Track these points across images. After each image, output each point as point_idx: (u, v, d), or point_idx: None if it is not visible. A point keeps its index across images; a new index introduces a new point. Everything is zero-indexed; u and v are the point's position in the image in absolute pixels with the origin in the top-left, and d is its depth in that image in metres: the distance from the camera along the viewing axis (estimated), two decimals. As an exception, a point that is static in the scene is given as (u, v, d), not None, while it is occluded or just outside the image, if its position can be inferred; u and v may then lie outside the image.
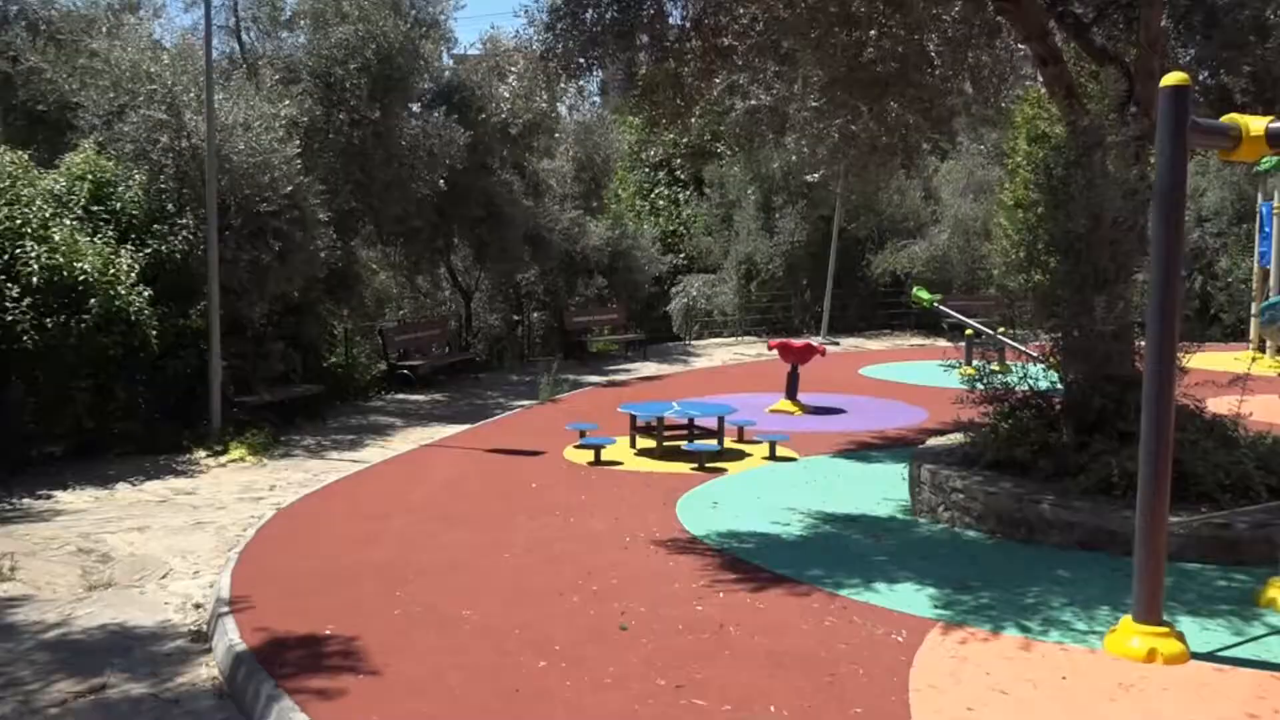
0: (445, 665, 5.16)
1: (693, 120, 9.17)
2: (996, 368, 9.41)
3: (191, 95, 11.88)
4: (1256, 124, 5.53)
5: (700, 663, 5.19)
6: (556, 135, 18.94)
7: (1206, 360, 9.02)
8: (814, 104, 9.39)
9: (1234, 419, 7.89)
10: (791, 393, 13.37)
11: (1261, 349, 17.63)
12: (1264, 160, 14.75)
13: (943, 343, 21.42)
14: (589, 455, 10.39)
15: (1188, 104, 5.20)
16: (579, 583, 6.46)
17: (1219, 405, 8.26)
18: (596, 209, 21.28)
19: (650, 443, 10.74)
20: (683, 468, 9.93)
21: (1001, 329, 15.17)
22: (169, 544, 7.71)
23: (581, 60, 7.59)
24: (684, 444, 10.45)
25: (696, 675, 5.04)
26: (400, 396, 15.14)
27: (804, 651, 5.33)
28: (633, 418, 10.99)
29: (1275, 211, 16.73)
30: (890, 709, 4.67)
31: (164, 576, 6.98)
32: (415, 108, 15.60)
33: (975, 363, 14.54)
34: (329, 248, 12.78)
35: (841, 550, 7.21)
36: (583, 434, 11.01)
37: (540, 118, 16.84)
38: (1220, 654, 5.32)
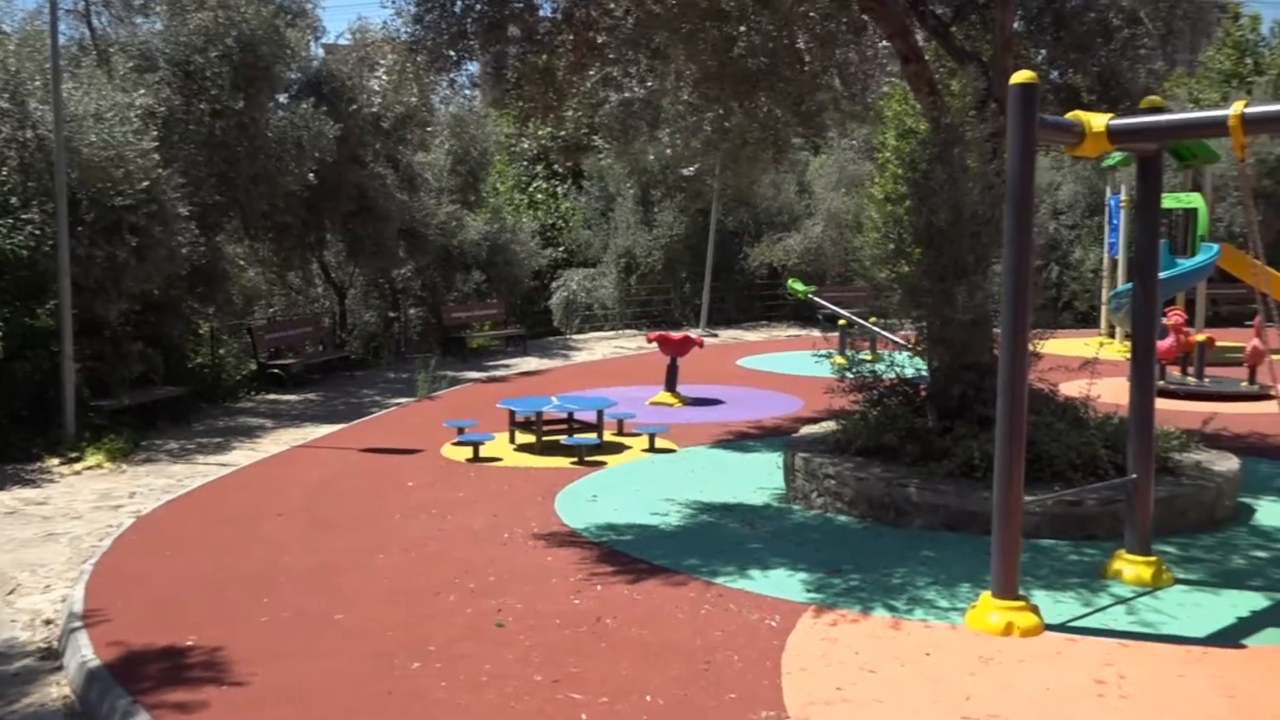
0: (315, 671, 5.02)
1: (566, 114, 9.14)
2: (868, 357, 9.69)
3: (37, 84, 11.21)
4: (1098, 121, 5.83)
5: (577, 656, 5.19)
6: (430, 128, 18.59)
7: (1060, 346, 9.47)
8: (687, 98, 9.47)
9: (1084, 401, 8.32)
10: (671, 385, 13.49)
11: (1112, 335, 18.64)
12: (1111, 156, 15.58)
13: (818, 333, 21.91)
14: (467, 452, 10.26)
15: (1035, 101, 5.43)
16: (456, 581, 6.37)
17: (1072, 389, 8.69)
18: (474, 203, 21.02)
19: (529, 438, 10.67)
20: (562, 462, 9.90)
21: (873, 319, 15.63)
22: (16, 557, 7.28)
23: (451, 53, 7.47)
24: (563, 438, 10.42)
25: (573, 669, 5.03)
26: (271, 397, 14.66)
27: (680, 640, 5.39)
28: (511, 413, 10.91)
29: (1122, 205, 17.68)
30: (763, 693, 4.76)
31: (10, 592, 6.59)
32: (282, 98, 15.09)
33: (847, 352, 14.95)
34: (191, 243, 12.26)
35: (718, 539, 7.30)
36: (461, 431, 10.88)
37: (412, 110, 16.49)
38: (1071, 624, 5.60)
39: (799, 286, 17.54)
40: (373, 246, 17.04)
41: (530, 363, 18.30)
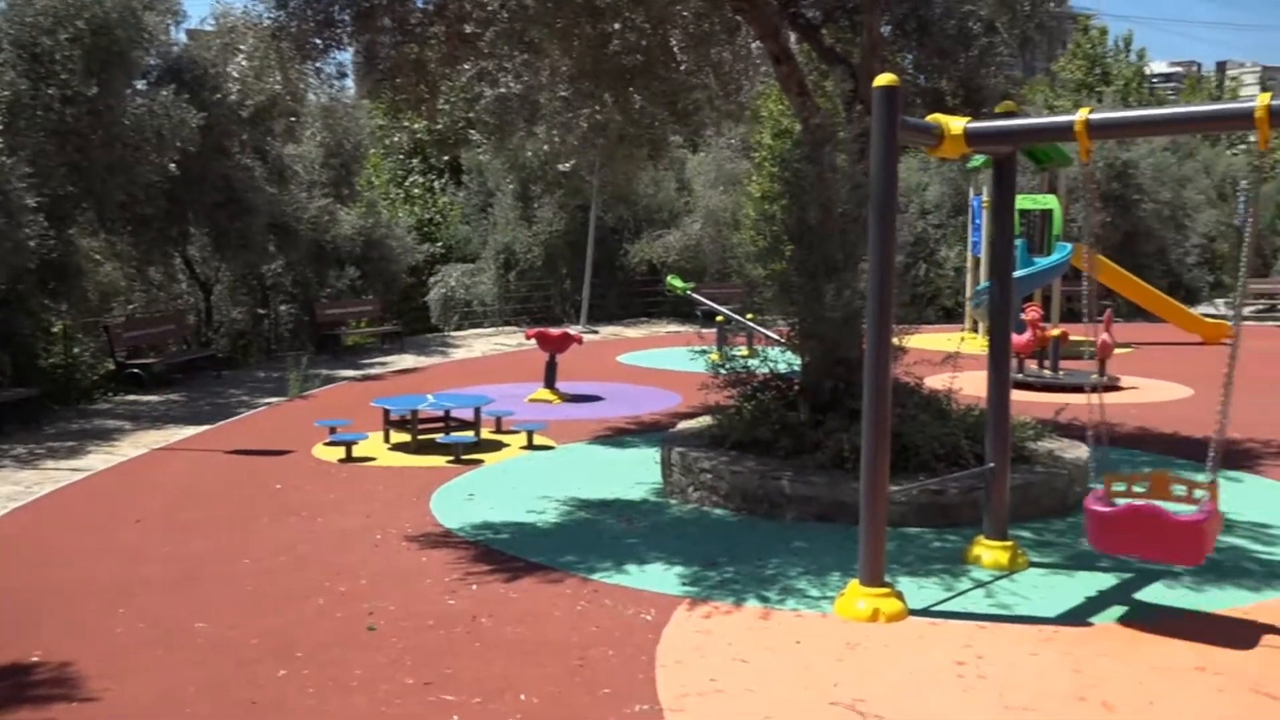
0: (174, 682, 4.81)
1: (440, 107, 8.99)
2: (745, 352, 9.85)
3: None
4: (956, 124, 6.05)
5: (451, 657, 5.11)
6: (300, 118, 18.00)
7: (926, 341, 9.82)
8: (563, 94, 9.43)
9: (947, 394, 8.64)
10: (550, 382, 13.43)
11: (975, 330, 19.43)
12: (974, 158, 16.22)
13: (700, 329, 22.20)
14: (340, 452, 10.00)
15: (897, 103, 5.60)
16: (325, 585, 6.20)
17: (937, 382, 9.02)
18: (348, 197, 20.47)
19: (405, 437, 10.47)
20: (439, 461, 9.75)
21: (750, 315, 15.89)
22: None
23: (318, 40, 7.25)
24: (439, 437, 10.26)
25: (446, 670, 4.96)
26: (131, 398, 13.98)
27: (556, 638, 5.37)
28: (386, 412, 10.68)
29: (984, 205, 18.43)
30: (638, 687, 4.78)
31: None
32: (141, 85, 14.38)
33: (724, 349, 15.16)
34: (40, 236, 11.59)
35: (595, 535, 7.31)
36: (333, 430, 10.60)
37: (275, 99, 15.91)
38: (934, 609, 5.81)
39: (678, 283, 17.71)
40: (240, 240, 16.41)
41: (407, 360, 17.96)
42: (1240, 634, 5.42)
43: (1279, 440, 10.55)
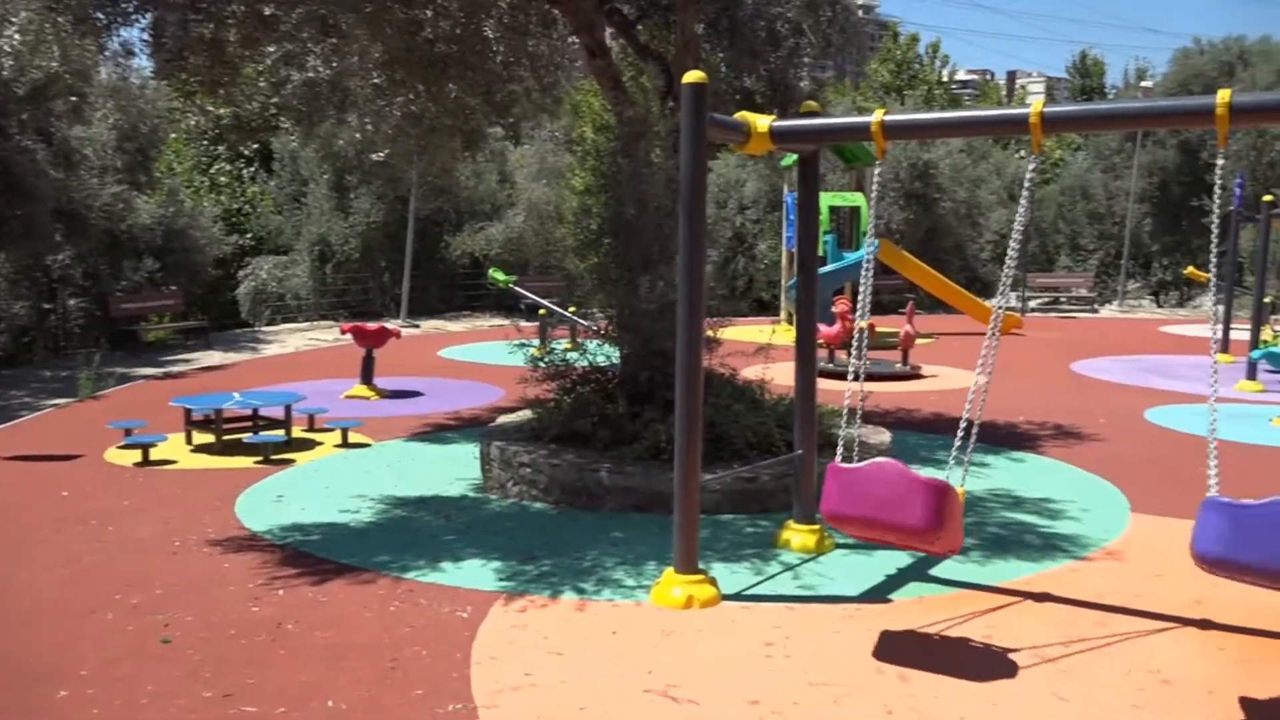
0: (-64, 713, 4.40)
1: (241, 91, 8.55)
2: (566, 346, 9.84)
3: None
4: (762, 122, 6.24)
5: (254, 667, 4.89)
6: (86, 98, 16.72)
7: (741, 332, 10.08)
8: (375, 81, 9.15)
9: (760, 384, 8.91)
10: (367, 377, 13.06)
11: (791, 322, 20.16)
12: (787, 156, 16.78)
13: (522, 323, 22.07)
14: (136, 456, 9.39)
15: (705, 99, 5.71)
16: (116, 597, 5.81)
17: (752, 372, 9.28)
18: (146, 184, 19.24)
19: (209, 438, 9.94)
20: (246, 462, 9.31)
21: (573, 308, 15.92)
22: None
23: (100, 15, 6.74)
24: (247, 436, 9.79)
25: (249, 680, 4.74)
26: (-107, 401, 12.70)
27: (367, 640, 5.22)
28: (187, 411, 10.11)
29: (797, 202, 19.15)
30: (451, 685, 4.71)
31: None
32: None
33: (547, 341, 15.14)
34: None
35: (411, 533, 7.15)
36: (128, 432, 9.94)
37: (55, 77, 14.72)
38: (746, 593, 5.98)
39: (500, 276, 17.56)
40: (21, 229, 15.12)
41: (214, 357, 17.06)
42: (1021, 603, 5.83)
43: (1059, 422, 11.41)
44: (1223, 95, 4.88)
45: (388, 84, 8.87)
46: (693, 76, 5.69)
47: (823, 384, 7.43)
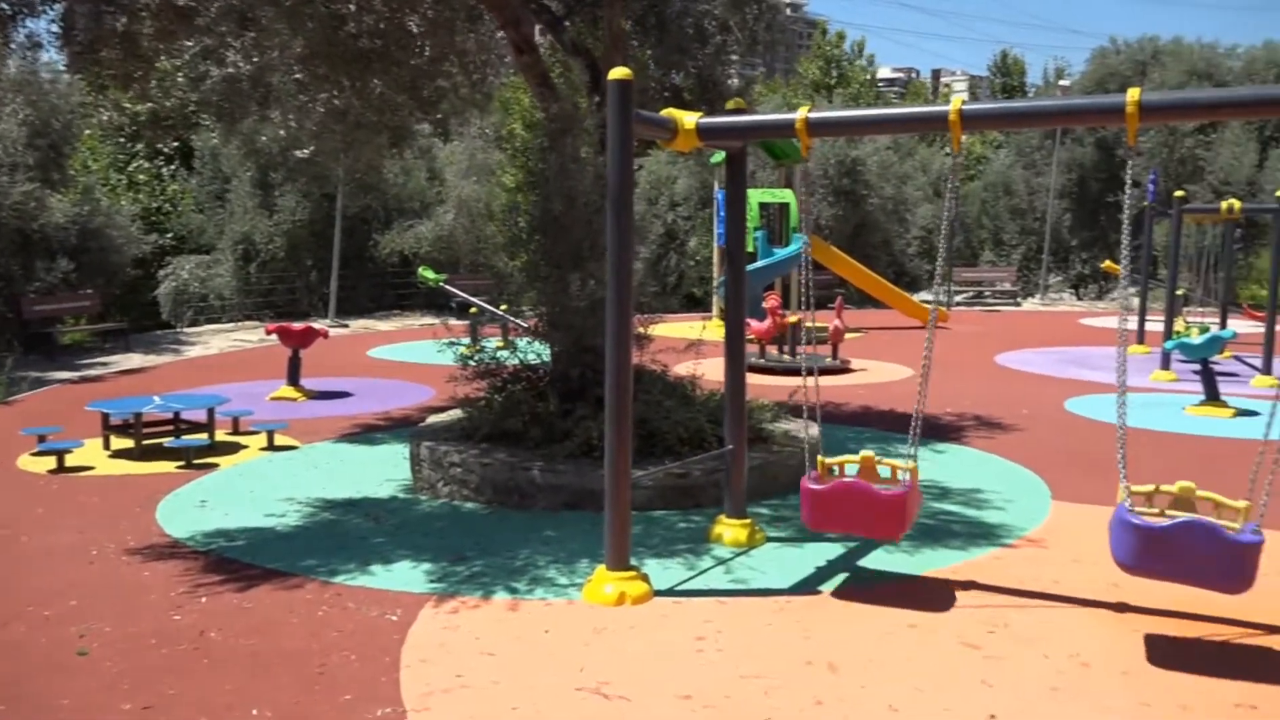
0: None
1: (156, 86, 8.31)
2: (497, 344, 9.76)
3: None
4: (689, 119, 6.26)
5: (175, 677, 4.76)
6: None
7: (673, 329, 10.10)
8: (297, 76, 8.97)
9: (691, 380, 8.94)
10: (293, 378, 12.81)
11: (721, 317, 20.28)
12: (716, 153, 16.86)
13: (453, 321, 21.86)
14: (50, 463, 9.09)
15: (631, 96, 5.70)
16: (27, 610, 5.62)
17: (684, 368, 9.31)
18: (59, 182, 18.63)
19: (128, 443, 9.66)
20: (167, 467, 9.07)
21: (504, 306, 15.81)
22: None
23: (5, 6, 6.49)
24: (168, 441, 9.53)
25: (170, 691, 4.62)
26: None
27: (294, 647, 5.12)
28: (105, 416, 9.81)
29: (726, 198, 19.26)
30: (380, 689, 4.64)
31: None
32: None
33: (478, 339, 15.00)
34: None
35: (339, 536, 7.04)
36: (42, 439, 9.61)
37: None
38: (678, 588, 5.99)
39: (430, 274, 17.36)
40: (-75, 230, 14.58)
41: (134, 360, 16.59)
42: (947, 592, 5.95)
43: (983, 414, 11.66)
44: (1132, 94, 5.03)
45: (310, 79, 8.70)
46: (618, 73, 5.68)
47: (753, 379, 7.49)
